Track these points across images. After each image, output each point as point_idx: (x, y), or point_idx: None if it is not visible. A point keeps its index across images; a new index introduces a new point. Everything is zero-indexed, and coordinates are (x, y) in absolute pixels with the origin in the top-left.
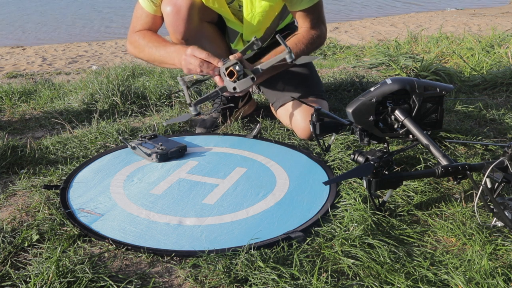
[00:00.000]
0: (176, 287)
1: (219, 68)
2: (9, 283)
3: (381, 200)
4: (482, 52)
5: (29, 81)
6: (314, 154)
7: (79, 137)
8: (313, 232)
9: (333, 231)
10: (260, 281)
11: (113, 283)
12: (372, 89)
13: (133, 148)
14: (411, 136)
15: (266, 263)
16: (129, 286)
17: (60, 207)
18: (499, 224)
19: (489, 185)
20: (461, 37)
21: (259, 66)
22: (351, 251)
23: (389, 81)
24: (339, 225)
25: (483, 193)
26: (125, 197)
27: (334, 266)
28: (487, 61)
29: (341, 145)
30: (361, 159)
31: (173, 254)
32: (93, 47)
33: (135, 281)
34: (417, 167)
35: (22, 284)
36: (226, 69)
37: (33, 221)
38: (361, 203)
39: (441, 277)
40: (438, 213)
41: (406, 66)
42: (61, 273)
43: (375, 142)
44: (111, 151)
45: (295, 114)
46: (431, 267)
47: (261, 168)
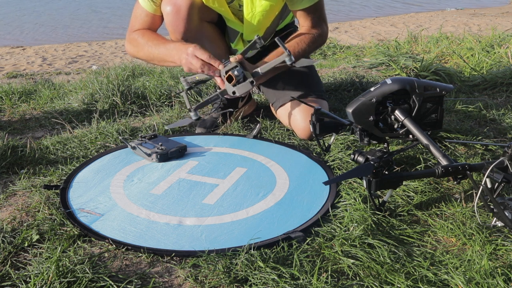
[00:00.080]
0: (176, 287)
1: (220, 70)
2: (9, 283)
3: (381, 200)
4: (482, 52)
5: (29, 81)
6: (314, 154)
7: (79, 137)
8: (313, 232)
9: (333, 231)
10: (260, 281)
11: (113, 283)
12: (372, 89)
13: (133, 148)
14: (411, 136)
15: (266, 263)
16: (129, 286)
17: (60, 207)
18: (499, 224)
19: (489, 185)
20: (461, 37)
21: (258, 69)
22: (351, 251)
23: (389, 81)
24: (339, 225)
25: (483, 193)
26: (125, 197)
27: (334, 266)
28: (487, 61)
29: (341, 145)
30: (361, 159)
31: (173, 254)
32: (93, 47)
33: (135, 281)
34: (417, 167)
35: (22, 284)
36: (226, 73)
37: (33, 221)
38: (361, 203)
39: (441, 277)
40: (438, 213)
41: (406, 66)
42: (61, 273)
43: (375, 142)
44: (111, 151)
45: (295, 114)
46: (431, 267)
47: (261, 168)
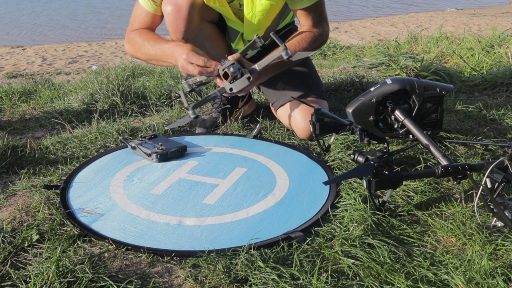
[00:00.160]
0: (176, 287)
1: (218, 69)
2: (9, 283)
3: (381, 200)
4: (482, 52)
5: (29, 81)
6: (314, 154)
7: (79, 137)
8: (313, 232)
9: (333, 231)
10: (260, 281)
11: (113, 283)
12: (372, 89)
13: (133, 148)
14: (411, 136)
15: (266, 263)
16: (129, 286)
17: (60, 207)
18: (499, 224)
19: (489, 185)
20: (461, 37)
21: (255, 65)
22: (351, 251)
23: (389, 81)
24: (339, 225)
25: (483, 193)
26: (125, 197)
27: (334, 266)
28: (487, 61)
29: (341, 145)
30: (361, 159)
31: (173, 254)
32: (93, 47)
33: (135, 281)
34: (417, 167)
35: (22, 284)
36: (222, 70)
37: (33, 221)
38: (361, 203)
39: (441, 277)
40: (438, 213)
41: (406, 66)
42: (61, 273)
43: (375, 142)
44: (111, 151)
45: (295, 114)
46: (431, 267)
47: (261, 168)
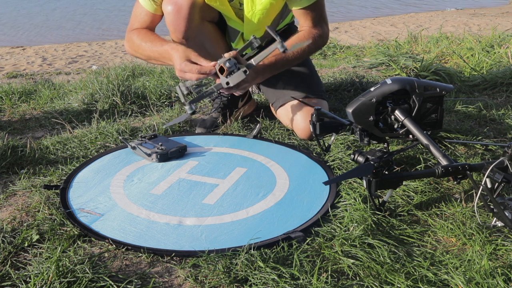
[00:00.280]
0: (176, 287)
1: (215, 69)
2: (9, 283)
3: (381, 200)
4: (482, 52)
5: (29, 81)
6: (314, 154)
7: (79, 137)
8: (313, 232)
9: (333, 231)
10: (260, 281)
11: (113, 283)
12: (372, 89)
13: (133, 148)
14: (411, 136)
15: (266, 263)
16: (129, 286)
17: (60, 207)
18: (499, 224)
19: (489, 185)
20: (461, 37)
21: (252, 60)
22: (351, 251)
23: (389, 81)
24: (339, 225)
25: (483, 193)
26: (125, 197)
27: (334, 266)
28: (487, 61)
29: (341, 145)
30: (361, 159)
31: (173, 254)
32: (93, 47)
33: (135, 281)
34: (417, 167)
35: (22, 284)
36: (218, 66)
37: (33, 221)
38: (361, 203)
39: (441, 277)
40: (438, 213)
41: (406, 66)
42: (61, 273)
43: (375, 142)
44: (111, 151)
45: (295, 114)
46: (431, 267)
47: (261, 168)
